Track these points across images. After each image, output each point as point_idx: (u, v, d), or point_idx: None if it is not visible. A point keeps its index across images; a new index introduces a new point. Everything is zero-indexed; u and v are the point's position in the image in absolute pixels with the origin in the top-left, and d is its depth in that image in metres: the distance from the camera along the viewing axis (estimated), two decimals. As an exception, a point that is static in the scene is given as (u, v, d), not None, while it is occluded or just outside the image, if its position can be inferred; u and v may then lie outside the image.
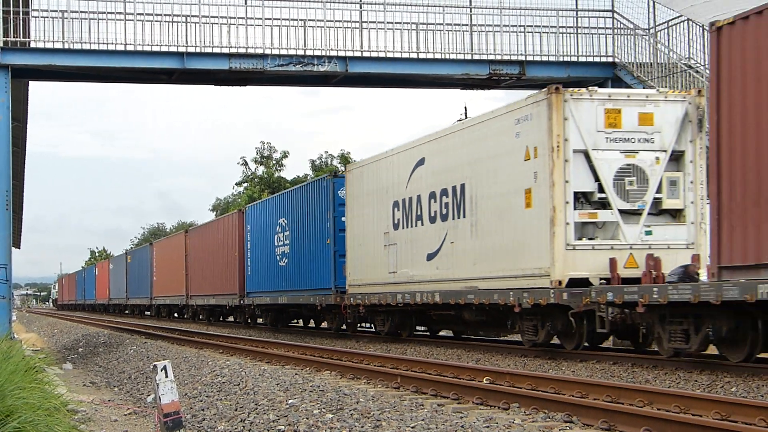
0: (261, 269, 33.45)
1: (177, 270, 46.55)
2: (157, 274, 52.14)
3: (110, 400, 15.18)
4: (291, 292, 30.04)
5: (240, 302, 35.96)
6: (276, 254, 31.55)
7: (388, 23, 24.50)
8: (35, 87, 51.53)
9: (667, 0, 24.21)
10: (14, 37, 23.01)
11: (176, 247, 47.58)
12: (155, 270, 52.61)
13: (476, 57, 24.78)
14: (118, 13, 23.53)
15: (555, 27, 25.19)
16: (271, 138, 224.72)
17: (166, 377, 10.26)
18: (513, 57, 24.89)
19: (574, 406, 9.89)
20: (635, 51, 24.74)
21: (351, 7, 24.58)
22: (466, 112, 31.81)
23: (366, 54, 24.31)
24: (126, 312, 64.82)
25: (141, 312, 60.02)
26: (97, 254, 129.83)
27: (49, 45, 23.22)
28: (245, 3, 24.10)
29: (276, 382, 13.61)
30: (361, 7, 24.59)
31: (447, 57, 24.68)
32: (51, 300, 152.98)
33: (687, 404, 10.13)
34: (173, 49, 23.66)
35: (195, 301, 43.72)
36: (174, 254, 47.71)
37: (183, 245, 45.88)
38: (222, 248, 38.56)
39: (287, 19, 24.18)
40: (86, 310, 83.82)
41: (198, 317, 45.11)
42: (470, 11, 25.03)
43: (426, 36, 24.68)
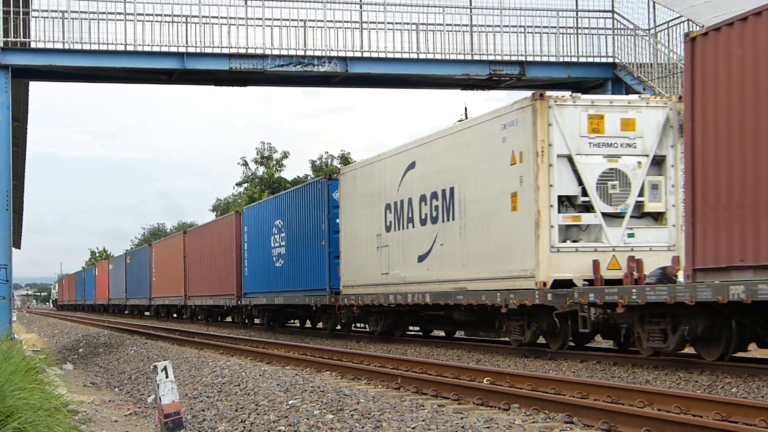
0: (258, 270, 33.59)
1: (175, 271, 46.61)
2: (156, 275, 52.20)
3: (111, 401, 15.18)
4: (287, 293, 30.22)
5: (237, 303, 36.13)
6: (272, 255, 31.71)
7: (388, 23, 24.52)
8: (35, 87, 51.50)
9: (667, 0, 24.22)
10: (14, 38, 23.02)
11: (175, 248, 47.62)
12: (154, 271, 52.67)
13: (476, 57, 24.81)
14: (118, 14, 23.54)
15: (555, 27, 25.21)
16: (272, 138, 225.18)
17: (167, 378, 10.26)
18: (513, 57, 24.93)
19: (575, 407, 9.90)
20: (635, 51, 24.76)
21: (351, 8, 24.60)
22: (467, 113, 31.78)
23: (366, 54, 24.33)
24: (125, 312, 64.86)
25: (140, 312, 60.07)
26: (98, 254, 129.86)
27: (49, 45, 23.24)
28: (245, 3, 24.11)
29: (276, 383, 13.62)
30: (361, 8, 24.61)
31: (447, 57, 24.70)
32: (51, 300, 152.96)
33: (687, 405, 10.13)
34: (173, 50, 23.68)
35: (193, 302, 43.82)
36: (173, 255, 47.75)
37: (181, 246, 45.95)
38: (220, 249, 38.68)
39: (287, 20, 24.21)
40: (86, 311, 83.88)
41: (196, 317, 45.22)
42: (470, 11, 25.05)
43: (426, 36, 24.70)
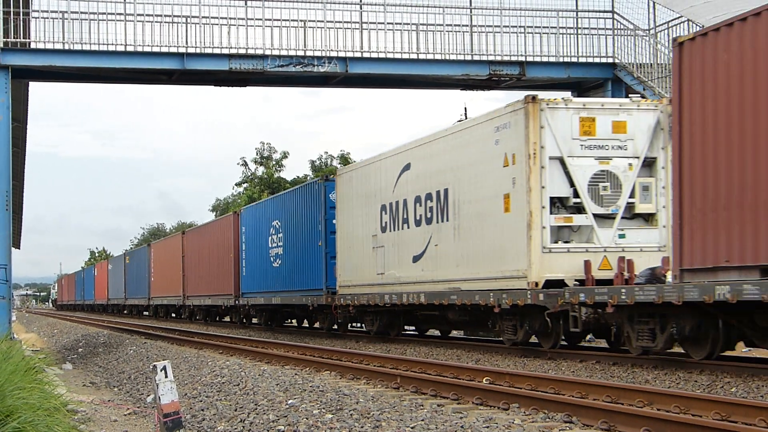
0: (255, 270, 33.73)
1: (174, 271, 46.67)
2: (155, 275, 52.27)
3: (110, 401, 15.18)
4: (284, 293, 30.37)
5: (235, 302, 36.29)
6: (270, 255, 31.85)
7: (388, 24, 24.52)
8: (35, 87, 51.50)
9: (667, 1, 24.22)
10: (14, 38, 23.02)
11: (173, 249, 47.67)
12: (153, 271, 52.74)
13: (476, 57, 24.81)
14: (118, 14, 23.54)
15: (555, 28, 25.21)
16: (271, 138, 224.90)
17: (166, 377, 10.26)
18: (513, 57, 24.94)
19: (574, 407, 9.90)
20: (635, 52, 24.77)
21: (351, 8, 24.60)
22: (466, 113, 31.71)
23: (366, 55, 24.34)
24: (124, 312, 64.90)
25: (139, 312, 60.12)
26: (97, 254, 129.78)
27: (49, 46, 23.24)
28: (245, 3, 24.11)
29: (276, 383, 13.62)
30: (361, 8, 24.61)
31: (447, 58, 24.70)
32: (51, 300, 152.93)
33: (687, 404, 10.13)
34: (173, 50, 23.68)
35: (192, 302, 43.91)
36: (171, 255, 47.81)
37: (180, 246, 46.01)
38: (218, 249, 38.79)
39: (287, 20, 24.21)
40: (85, 311, 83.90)
41: (195, 317, 45.32)
42: (470, 12, 25.05)
43: (426, 37, 24.70)
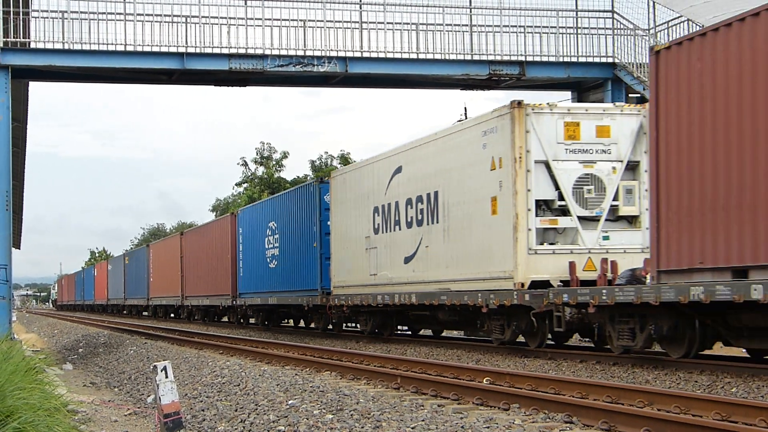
0: (252, 271, 33.91)
1: (173, 271, 46.77)
2: (154, 276, 52.38)
3: (110, 401, 15.18)
4: (280, 293, 30.60)
5: (233, 303, 36.52)
6: (266, 256, 32.07)
7: (388, 23, 24.51)
8: (35, 87, 51.52)
9: (667, 0, 24.23)
10: (14, 38, 23.02)
11: (172, 249, 47.77)
12: (152, 271, 52.87)
13: (476, 57, 24.81)
14: (118, 14, 23.53)
15: (555, 27, 25.21)
16: (271, 138, 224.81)
17: (166, 378, 10.26)
18: (513, 57, 24.94)
19: (575, 407, 9.89)
20: (635, 51, 24.76)
21: (351, 8, 24.60)
22: (466, 113, 31.70)
23: (366, 54, 24.34)
24: (124, 312, 64.96)
25: (138, 312, 60.19)
26: (97, 255, 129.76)
27: (49, 45, 23.23)
28: (245, 3, 24.11)
29: (276, 383, 13.62)
30: (361, 8, 24.60)
31: (447, 57, 24.70)
32: (51, 300, 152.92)
33: (687, 405, 10.13)
34: (173, 50, 23.68)
35: (190, 302, 44.07)
36: (170, 256, 47.91)
37: (178, 247, 46.11)
38: (216, 250, 38.97)
39: (287, 20, 24.21)
40: (85, 311, 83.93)
41: (193, 317, 45.43)
42: (470, 11, 25.04)
43: (426, 36, 24.70)
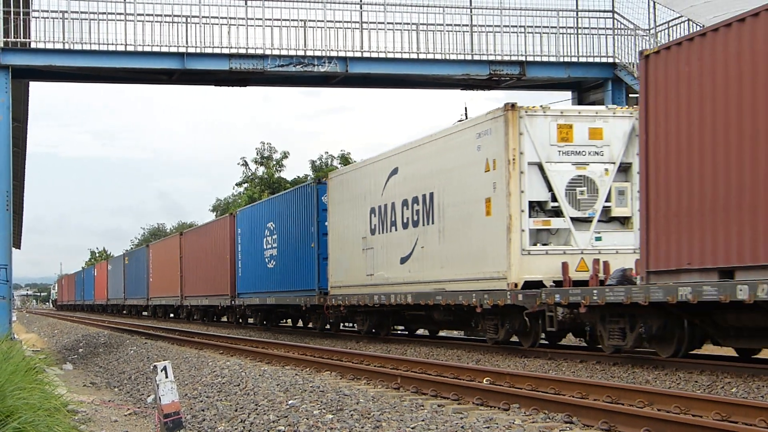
0: (251, 271, 34.01)
1: (172, 271, 46.84)
2: (153, 276, 52.44)
3: (110, 401, 15.17)
4: (278, 293, 30.72)
5: (231, 303, 36.64)
6: (264, 256, 32.18)
7: (388, 24, 24.51)
8: (35, 87, 51.45)
9: (668, 0, 24.22)
10: (15, 38, 23.01)
11: (171, 249, 47.85)
12: (151, 271, 52.94)
13: (476, 57, 24.81)
14: (119, 14, 23.53)
15: (555, 27, 25.21)
16: (271, 138, 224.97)
17: (166, 378, 10.26)
18: (513, 57, 24.94)
19: (575, 407, 9.89)
20: (636, 51, 24.74)
21: (351, 8, 24.60)
22: (467, 113, 31.72)
23: (366, 54, 24.34)
24: (124, 312, 65.01)
25: (138, 312, 60.23)
26: (97, 255, 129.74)
27: (50, 45, 23.23)
28: (245, 3, 24.11)
29: (276, 383, 13.62)
30: (361, 8, 24.60)
31: (447, 57, 24.70)
32: (51, 300, 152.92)
33: (687, 405, 10.13)
34: (173, 50, 23.68)
35: (189, 302, 44.15)
36: (169, 256, 48.00)
37: (178, 247, 46.20)
38: (215, 250, 39.08)
39: (287, 20, 24.21)
40: (85, 311, 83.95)
41: (192, 317, 45.49)
42: (470, 11, 25.04)
43: (426, 36, 24.70)
